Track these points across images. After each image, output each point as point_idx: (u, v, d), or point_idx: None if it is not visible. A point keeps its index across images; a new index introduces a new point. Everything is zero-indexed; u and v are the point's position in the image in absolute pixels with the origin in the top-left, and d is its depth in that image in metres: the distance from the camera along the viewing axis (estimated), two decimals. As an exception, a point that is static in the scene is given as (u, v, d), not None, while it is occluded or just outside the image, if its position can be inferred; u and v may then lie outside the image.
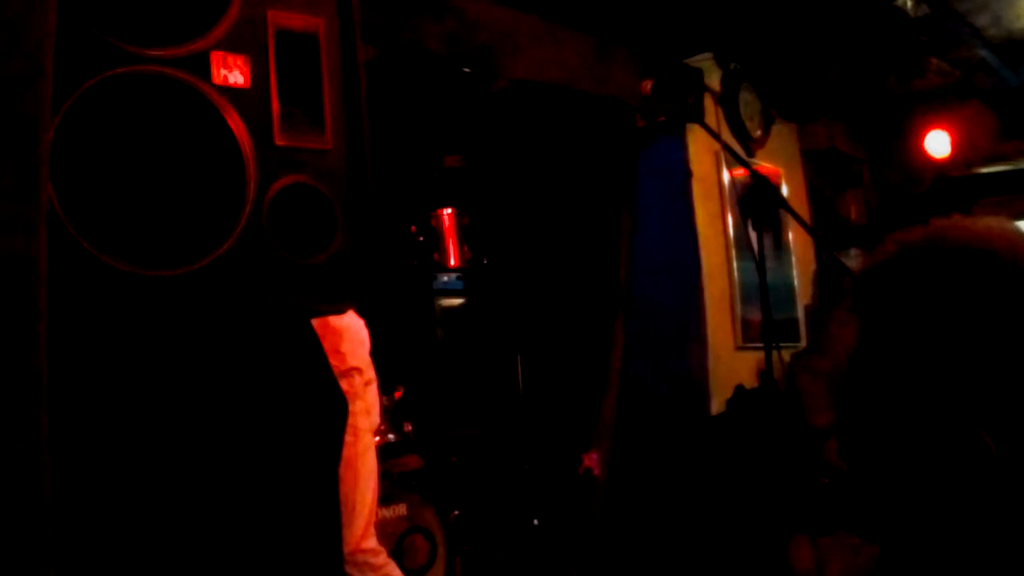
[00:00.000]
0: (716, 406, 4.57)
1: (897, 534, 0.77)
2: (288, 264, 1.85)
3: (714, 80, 4.92)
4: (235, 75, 1.79)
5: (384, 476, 3.10)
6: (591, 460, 4.26)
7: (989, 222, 0.78)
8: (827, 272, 5.51)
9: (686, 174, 4.76)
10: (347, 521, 2.31)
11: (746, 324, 4.94)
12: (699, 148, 4.81)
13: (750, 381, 4.66)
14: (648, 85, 2.82)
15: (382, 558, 2.46)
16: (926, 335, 0.74)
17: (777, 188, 5.22)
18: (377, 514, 2.88)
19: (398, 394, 3.30)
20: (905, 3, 4.08)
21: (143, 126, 1.68)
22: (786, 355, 4.13)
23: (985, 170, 5.69)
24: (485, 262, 4.03)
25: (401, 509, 3.02)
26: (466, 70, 3.64)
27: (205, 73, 1.75)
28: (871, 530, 0.79)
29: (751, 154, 5.14)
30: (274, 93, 1.85)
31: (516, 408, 3.94)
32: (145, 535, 1.62)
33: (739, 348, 4.90)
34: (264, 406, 1.80)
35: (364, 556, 2.41)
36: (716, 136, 2.87)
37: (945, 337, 0.73)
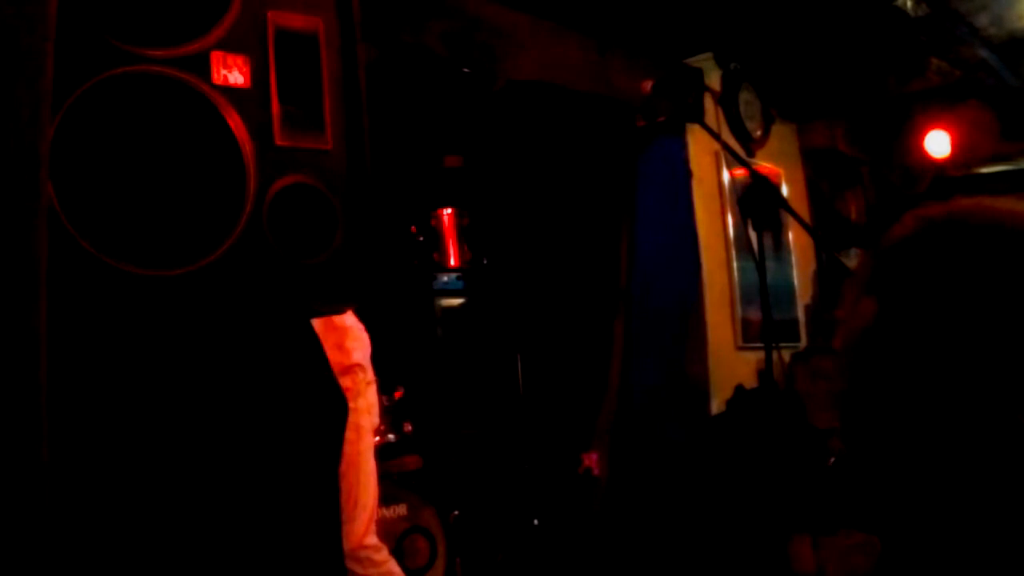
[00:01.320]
0: (716, 406, 4.57)
1: (908, 524, 0.74)
2: (288, 264, 1.85)
3: (714, 80, 4.92)
4: (235, 75, 1.79)
5: (384, 476, 3.10)
6: (591, 460, 4.26)
7: (1019, 203, 0.75)
8: (827, 272, 5.51)
9: (686, 174, 4.76)
10: (349, 518, 2.33)
11: (746, 324, 4.94)
12: (699, 148, 4.81)
13: (750, 381, 4.66)
14: (648, 85, 2.83)
15: (383, 554, 2.47)
16: (957, 313, 0.70)
17: (777, 188, 5.21)
18: (377, 514, 2.88)
19: (398, 394, 3.30)
20: (905, 3, 4.07)
21: (143, 126, 1.68)
22: (786, 355, 4.13)
23: (985, 170, 5.69)
24: (485, 262, 4.03)
25: (401, 509, 3.02)
26: (466, 70, 3.63)
27: (205, 73, 1.75)
28: (876, 521, 0.76)
29: (751, 154, 5.14)
30: (274, 93, 1.85)
31: (516, 408, 3.93)
32: (146, 533, 1.62)
33: (739, 348, 4.90)
34: (264, 406, 1.80)
35: (366, 552, 2.42)
36: (716, 136, 2.87)
37: (978, 316, 0.69)
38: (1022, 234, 0.71)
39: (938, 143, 5.55)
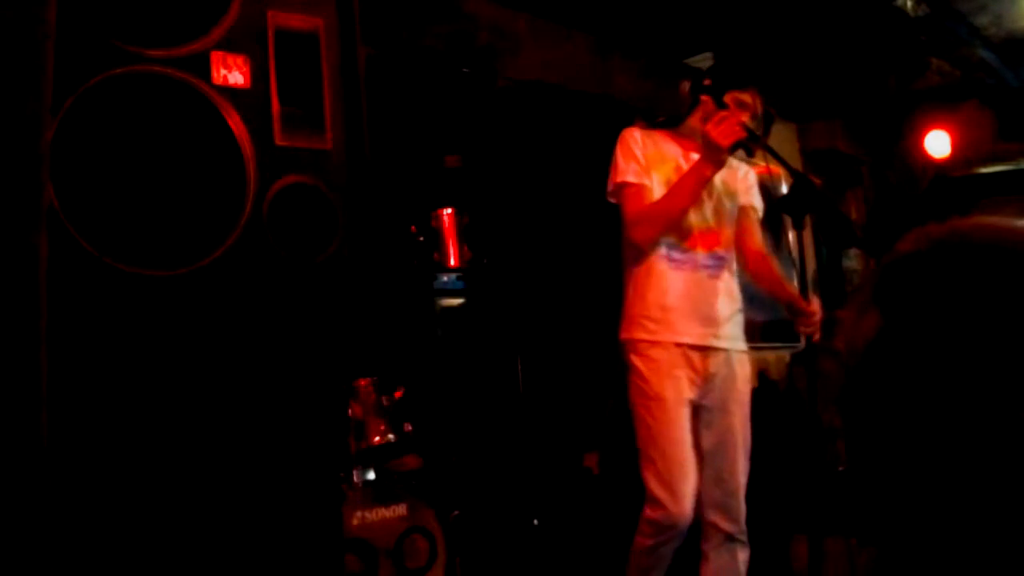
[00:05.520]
0: (716, 406, 4.56)
1: (910, 534, 0.74)
2: (288, 264, 1.85)
3: (714, 80, 4.91)
4: (235, 75, 1.79)
5: (384, 476, 3.10)
6: (591, 460, 4.26)
7: (1020, 221, 0.75)
8: (827, 272, 5.50)
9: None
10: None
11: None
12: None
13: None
14: (686, 87, 2.81)
15: None
16: (958, 330, 0.70)
17: (818, 186, 5.19)
18: (376, 513, 2.89)
19: (398, 394, 3.30)
20: (905, 3, 4.07)
21: (143, 126, 1.68)
22: (786, 355, 4.13)
23: (985, 170, 5.69)
24: (485, 262, 4.03)
25: (401, 509, 3.01)
26: (466, 70, 3.63)
27: (205, 73, 1.75)
28: (875, 530, 0.76)
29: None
30: (274, 93, 1.85)
31: (516, 408, 3.93)
32: (142, 532, 1.62)
33: (739, 348, 4.88)
34: (263, 407, 1.80)
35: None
36: (758, 142, 2.82)
37: (979, 334, 0.70)
38: (1022, 253, 0.72)
39: (938, 143, 5.54)
